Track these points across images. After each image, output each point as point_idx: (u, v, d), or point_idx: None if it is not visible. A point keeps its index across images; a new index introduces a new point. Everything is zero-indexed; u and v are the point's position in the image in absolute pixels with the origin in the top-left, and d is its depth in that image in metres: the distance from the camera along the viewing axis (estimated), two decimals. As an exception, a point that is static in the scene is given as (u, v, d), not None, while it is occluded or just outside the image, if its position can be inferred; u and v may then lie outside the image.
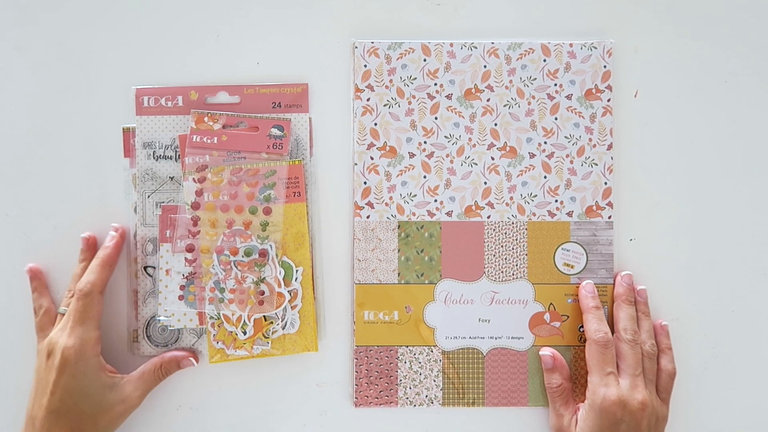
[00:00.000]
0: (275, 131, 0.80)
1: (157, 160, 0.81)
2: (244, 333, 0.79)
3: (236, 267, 0.79)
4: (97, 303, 0.76)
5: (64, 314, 0.78)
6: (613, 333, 0.80)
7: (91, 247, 0.80)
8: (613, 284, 0.81)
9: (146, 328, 0.81)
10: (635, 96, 0.83)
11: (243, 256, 0.79)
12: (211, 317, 0.79)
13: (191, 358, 0.79)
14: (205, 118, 0.80)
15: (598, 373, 0.77)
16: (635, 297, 0.81)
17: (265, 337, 0.80)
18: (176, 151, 0.81)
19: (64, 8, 0.82)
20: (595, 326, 0.79)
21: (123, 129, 0.81)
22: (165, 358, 0.79)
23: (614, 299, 0.81)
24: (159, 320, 0.80)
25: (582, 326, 0.81)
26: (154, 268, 0.81)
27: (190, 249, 0.79)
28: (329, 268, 0.82)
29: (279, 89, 0.82)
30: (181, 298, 0.79)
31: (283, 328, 0.80)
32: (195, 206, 0.79)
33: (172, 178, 0.81)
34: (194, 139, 0.80)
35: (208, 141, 0.80)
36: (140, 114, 0.81)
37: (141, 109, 0.81)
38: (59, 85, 0.82)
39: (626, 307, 0.80)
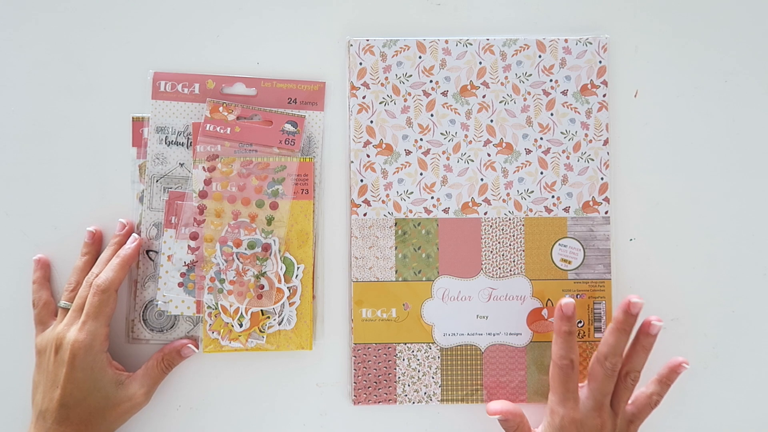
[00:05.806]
0: (289, 127, 0.81)
1: (168, 145, 0.81)
2: (240, 325, 0.79)
3: (238, 259, 0.79)
4: (113, 301, 0.77)
5: (65, 308, 0.78)
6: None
7: (97, 241, 0.81)
8: (610, 283, 0.81)
9: (143, 312, 0.81)
10: (635, 96, 0.83)
11: (246, 249, 0.80)
12: (209, 307, 0.80)
13: (191, 345, 0.80)
14: (220, 108, 0.81)
15: (560, 394, 0.76)
16: (645, 329, 0.77)
17: (261, 332, 0.80)
18: (188, 138, 0.81)
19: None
20: (562, 352, 0.76)
21: (133, 118, 0.82)
22: (165, 350, 0.79)
23: (612, 321, 0.76)
24: (157, 305, 0.80)
25: (581, 321, 0.81)
26: (156, 252, 0.81)
27: (193, 237, 0.80)
28: (327, 266, 0.82)
29: (296, 85, 0.82)
30: (180, 285, 0.80)
31: (279, 324, 0.80)
32: (202, 195, 0.80)
33: (182, 165, 0.81)
34: (207, 128, 0.80)
35: (221, 131, 0.80)
36: (156, 98, 0.82)
37: (157, 94, 0.82)
38: (59, 83, 0.83)
39: (618, 334, 0.75)
